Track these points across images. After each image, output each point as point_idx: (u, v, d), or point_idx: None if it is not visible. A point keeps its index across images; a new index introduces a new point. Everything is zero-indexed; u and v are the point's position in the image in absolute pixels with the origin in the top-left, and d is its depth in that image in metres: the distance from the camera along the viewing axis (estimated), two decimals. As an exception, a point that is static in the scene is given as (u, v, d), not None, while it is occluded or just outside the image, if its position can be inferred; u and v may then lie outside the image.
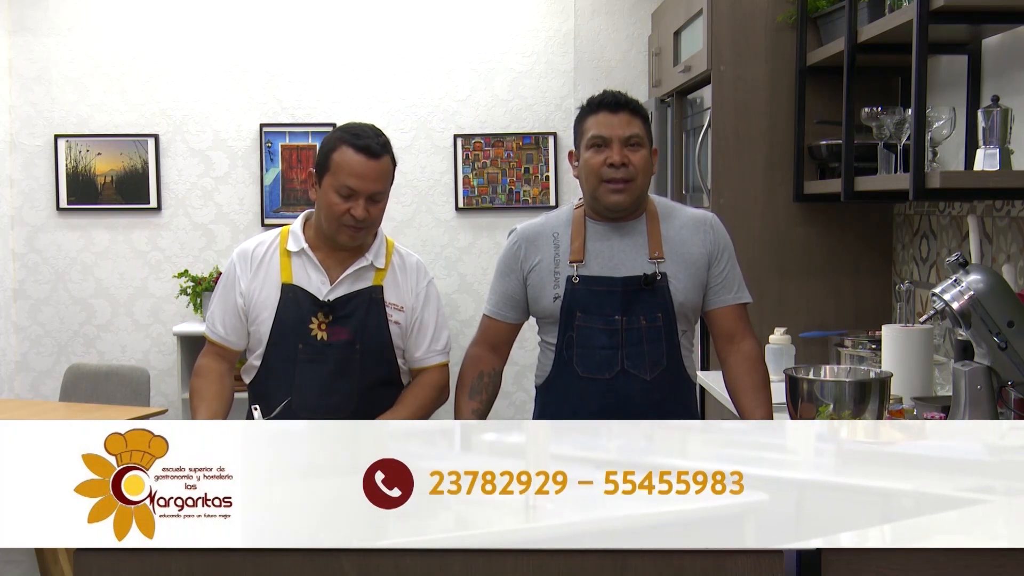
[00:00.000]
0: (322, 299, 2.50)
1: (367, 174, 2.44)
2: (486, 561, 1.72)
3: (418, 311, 2.60)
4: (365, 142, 2.47)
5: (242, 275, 2.56)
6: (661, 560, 1.72)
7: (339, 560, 1.72)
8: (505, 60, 5.30)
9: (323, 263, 2.53)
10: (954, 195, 3.08)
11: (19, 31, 5.24)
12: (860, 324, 3.72)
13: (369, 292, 2.54)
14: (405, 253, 2.66)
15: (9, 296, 5.33)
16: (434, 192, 5.31)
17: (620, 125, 2.46)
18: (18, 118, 5.27)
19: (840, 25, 3.39)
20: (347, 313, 2.51)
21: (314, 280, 2.52)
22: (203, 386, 2.57)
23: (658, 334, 2.48)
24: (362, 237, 2.52)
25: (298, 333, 2.50)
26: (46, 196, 5.30)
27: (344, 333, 2.51)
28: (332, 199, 2.45)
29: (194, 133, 5.30)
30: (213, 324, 2.60)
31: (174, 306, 5.34)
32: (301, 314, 2.50)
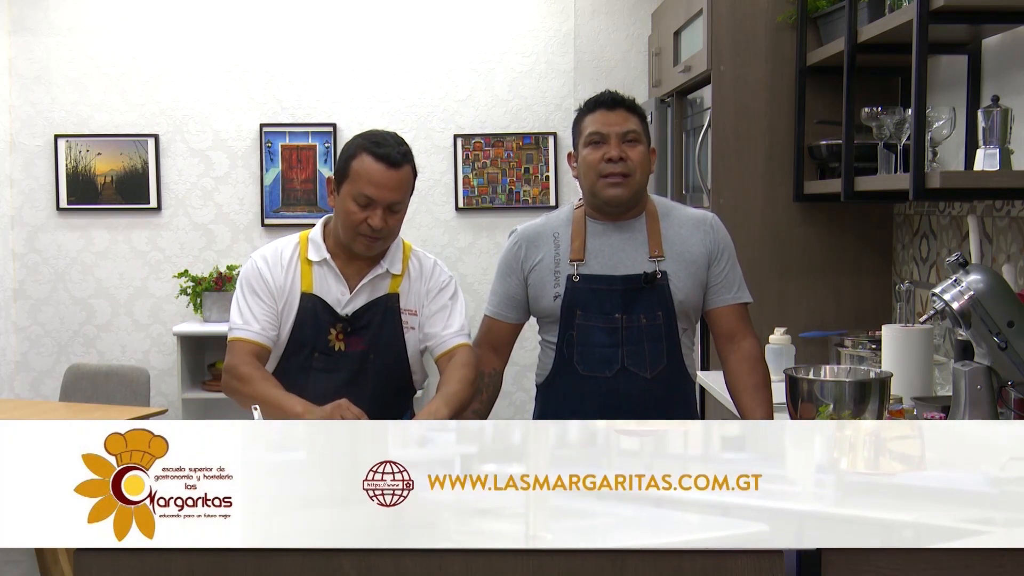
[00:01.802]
0: (341, 312, 2.48)
1: (386, 183, 2.40)
2: (486, 561, 1.72)
3: (432, 299, 2.54)
4: (385, 151, 2.40)
5: (271, 276, 2.48)
6: (661, 560, 1.72)
7: (339, 560, 1.72)
8: (505, 60, 5.30)
9: (342, 271, 2.50)
10: (954, 195, 3.08)
11: (19, 31, 5.24)
12: (860, 324, 3.72)
13: (385, 300, 2.51)
14: (422, 256, 2.61)
15: (9, 296, 5.33)
16: (434, 192, 5.31)
17: (617, 121, 2.48)
18: (18, 118, 5.27)
19: (840, 25, 3.39)
20: (364, 324, 2.49)
21: (334, 290, 2.49)
22: (258, 373, 2.41)
23: (658, 332, 2.48)
24: (378, 247, 2.48)
25: (316, 343, 2.48)
26: (46, 196, 5.30)
27: (360, 343, 2.48)
28: (350, 207, 2.41)
29: (194, 133, 5.30)
30: (247, 325, 2.47)
31: (174, 306, 5.34)
32: (320, 325, 2.47)
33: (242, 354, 2.44)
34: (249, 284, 2.49)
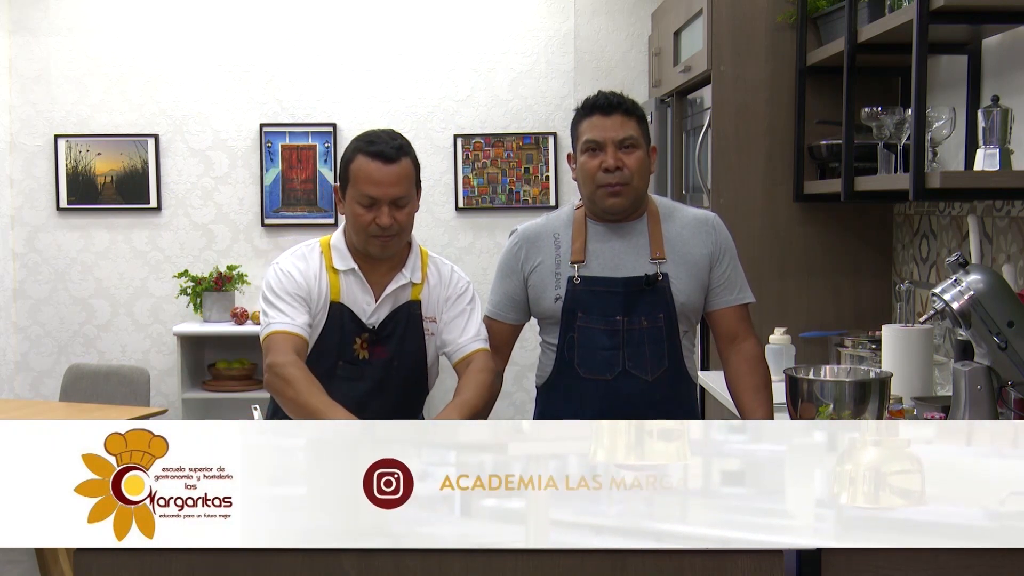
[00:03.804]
0: (367, 322, 2.46)
1: (384, 180, 2.38)
2: (486, 561, 1.72)
3: (451, 306, 2.53)
4: (379, 148, 2.39)
5: (306, 283, 2.44)
6: (661, 560, 1.72)
7: (339, 560, 1.72)
8: (505, 60, 5.30)
9: (368, 280, 2.48)
10: (954, 195, 3.08)
11: (19, 31, 5.24)
12: (860, 324, 3.72)
13: (408, 308, 2.50)
14: (440, 262, 2.59)
15: (9, 296, 5.33)
16: (434, 192, 5.31)
17: (614, 128, 2.44)
18: (18, 118, 5.27)
19: (840, 25, 3.39)
20: (388, 333, 2.48)
21: (360, 300, 2.47)
22: (305, 378, 2.32)
23: (659, 335, 2.48)
24: (394, 246, 2.45)
25: (341, 352, 2.47)
26: (46, 196, 5.30)
27: (384, 352, 2.47)
28: (356, 210, 2.40)
29: (194, 133, 5.30)
30: (288, 317, 2.40)
31: (174, 306, 5.34)
32: (346, 334, 2.46)
33: (285, 350, 2.36)
34: (283, 287, 2.44)
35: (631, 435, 1.74)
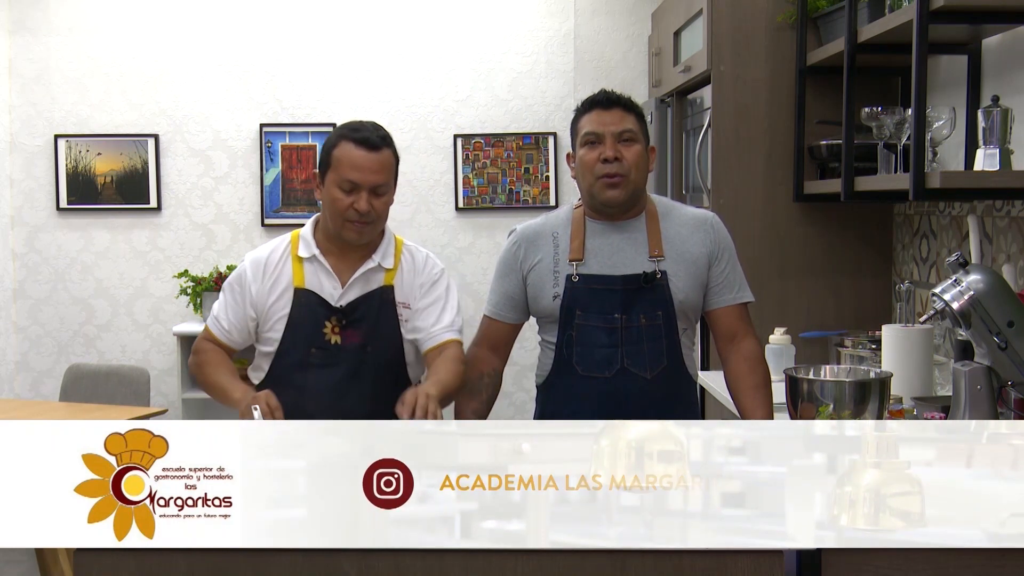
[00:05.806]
0: (335, 304, 2.49)
1: (367, 166, 2.44)
2: (486, 561, 1.72)
3: (424, 293, 2.56)
4: (364, 135, 2.46)
5: (253, 282, 2.53)
6: (661, 560, 1.72)
7: (339, 560, 1.72)
8: (505, 60, 5.30)
9: (334, 268, 2.52)
10: (954, 195, 3.08)
11: (19, 31, 5.24)
12: (860, 324, 3.72)
13: (380, 293, 2.53)
14: (414, 249, 2.64)
15: (9, 296, 5.33)
16: (434, 192, 5.31)
17: (613, 121, 2.47)
18: (18, 118, 5.27)
19: (840, 25, 3.39)
20: (359, 316, 2.50)
21: (326, 286, 2.51)
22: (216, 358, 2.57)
23: (658, 332, 2.48)
24: (369, 233, 2.49)
25: (311, 337, 2.49)
26: (46, 196, 5.30)
27: (356, 336, 2.49)
28: (335, 194, 2.45)
29: (194, 133, 5.30)
30: (218, 322, 2.58)
31: (174, 306, 5.34)
32: (315, 318, 2.49)
33: (209, 345, 2.59)
34: (231, 285, 2.58)
35: (631, 457, 1.74)
